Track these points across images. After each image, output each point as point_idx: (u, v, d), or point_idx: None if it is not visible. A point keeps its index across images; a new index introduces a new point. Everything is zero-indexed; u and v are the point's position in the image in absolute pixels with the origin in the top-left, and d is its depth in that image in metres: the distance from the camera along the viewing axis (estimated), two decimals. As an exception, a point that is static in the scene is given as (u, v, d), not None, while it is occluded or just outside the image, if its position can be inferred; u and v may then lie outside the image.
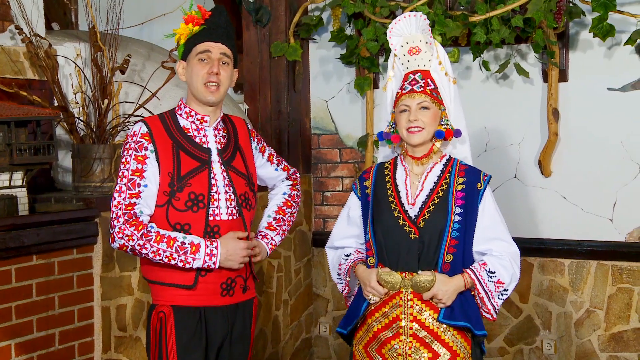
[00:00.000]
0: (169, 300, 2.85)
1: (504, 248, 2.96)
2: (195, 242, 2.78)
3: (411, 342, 2.88)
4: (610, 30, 4.37)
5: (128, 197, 2.77)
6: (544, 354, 4.88)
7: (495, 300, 2.94)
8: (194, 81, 2.87)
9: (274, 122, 5.28)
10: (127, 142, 2.85)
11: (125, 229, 2.75)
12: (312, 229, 5.47)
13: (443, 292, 2.86)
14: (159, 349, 2.84)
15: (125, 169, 2.81)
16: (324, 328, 5.44)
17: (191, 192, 2.82)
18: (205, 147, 2.89)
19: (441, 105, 2.97)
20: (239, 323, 2.95)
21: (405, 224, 2.92)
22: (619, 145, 4.69)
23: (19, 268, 3.47)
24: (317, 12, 5.27)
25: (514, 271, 2.95)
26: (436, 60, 2.99)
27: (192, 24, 2.87)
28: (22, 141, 3.68)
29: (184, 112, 2.91)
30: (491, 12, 4.54)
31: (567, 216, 4.81)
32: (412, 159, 3.00)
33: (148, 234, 2.75)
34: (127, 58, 4.22)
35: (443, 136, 2.95)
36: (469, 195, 2.93)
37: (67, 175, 4.26)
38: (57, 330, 3.64)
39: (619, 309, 4.70)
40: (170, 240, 2.76)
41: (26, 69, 4.12)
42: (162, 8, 4.82)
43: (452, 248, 2.90)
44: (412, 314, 2.90)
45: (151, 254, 2.76)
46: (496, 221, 2.96)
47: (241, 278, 2.92)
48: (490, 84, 4.97)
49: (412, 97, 2.94)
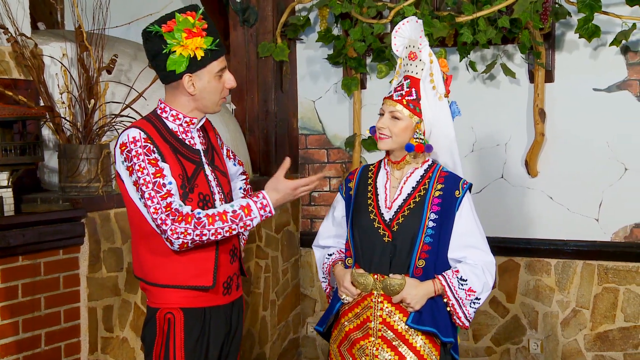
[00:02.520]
0: (178, 303, 2.82)
1: (478, 257, 2.93)
2: (243, 205, 2.77)
3: (379, 344, 2.91)
4: (596, 31, 4.39)
5: (161, 200, 2.71)
6: (531, 354, 4.90)
7: (466, 308, 2.91)
8: (212, 96, 2.84)
9: (261, 123, 5.27)
10: (129, 149, 2.75)
11: (176, 228, 2.70)
12: (299, 229, 5.47)
13: (412, 296, 2.87)
14: (165, 351, 2.82)
15: (145, 175, 2.73)
16: (312, 328, 5.44)
17: (200, 192, 2.81)
18: (195, 149, 2.88)
19: (417, 117, 2.93)
20: (234, 321, 2.96)
21: (379, 227, 2.94)
22: (604, 145, 4.71)
23: (5, 269, 3.45)
24: (305, 12, 5.27)
25: (486, 280, 2.91)
26: (428, 71, 2.95)
27: (200, 37, 2.78)
28: (7, 141, 3.66)
29: (171, 115, 2.86)
30: (478, 12, 4.55)
31: (554, 216, 4.83)
32: (391, 162, 3.01)
33: (199, 221, 2.71)
34: (113, 58, 4.21)
35: (412, 150, 2.93)
36: (445, 202, 2.92)
37: (53, 176, 4.24)
38: (44, 331, 3.63)
39: (604, 309, 4.73)
40: (221, 215, 2.73)
41: (12, 69, 4.10)
42: (149, 8, 4.80)
43: (424, 253, 2.90)
44: (382, 316, 2.92)
45: (212, 236, 2.73)
46: (472, 229, 2.94)
47: (236, 275, 2.95)
48: (477, 84, 4.99)
49: (388, 103, 2.95)
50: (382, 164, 3.06)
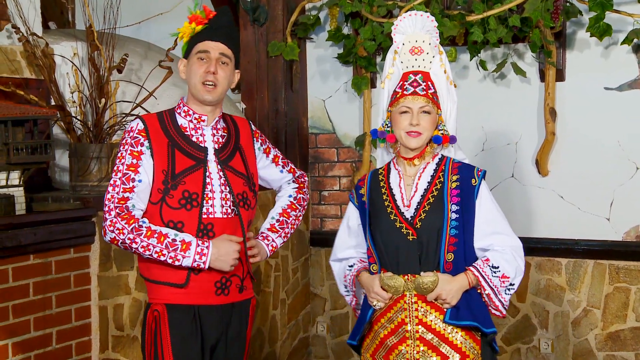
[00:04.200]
0: (163, 299, 2.85)
1: (505, 242, 2.88)
2: (186, 240, 2.77)
3: (418, 346, 2.84)
4: (607, 30, 4.38)
5: (121, 191, 2.78)
6: (541, 353, 4.89)
7: (502, 295, 2.87)
8: (192, 79, 2.88)
9: (271, 122, 5.27)
10: (123, 137, 2.88)
11: (116, 222, 2.75)
12: (309, 228, 5.47)
13: (447, 292, 2.81)
14: (154, 347, 2.84)
15: (120, 164, 2.83)
16: (322, 327, 5.44)
17: (185, 190, 2.82)
18: (201, 146, 2.89)
19: (439, 110, 2.93)
20: (235, 323, 2.93)
21: (402, 226, 2.89)
22: (616, 144, 4.69)
23: (16, 267, 3.47)
24: (315, 11, 5.27)
25: (518, 264, 2.86)
26: (438, 62, 2.94)
27: (195, 23, 2.87)
28: (19, 140, 3.67)
29: (182, 111, 2.92)
30: (488, 11, 4.54)
31: (564, 215, 4.82)
32: (404, 160, 2.96)
33: (139, 229, 2.75)
34: (124, 57, 4.22)
35: (440, 142, 2.92)
36: (464, 192, 2.88)
37: (64, 175, 4.26)
38: (55, 329, 3.64)
39: (616, 308, 4.71)
40: (161, 236, 2.76)
41: (23, 68, 4.12)
42: (159, 7, 4.82)
43: (452, 246, 2.85)
44: (418, 317, 2.85)
45: (141, 248, 2.76)
46: (494, 215, 2.90)
47: (237, 277, 2.91)
48: (488, 83, 4.97)
49: (414, 99, 2.90)
50: (391, 165, 3.02)
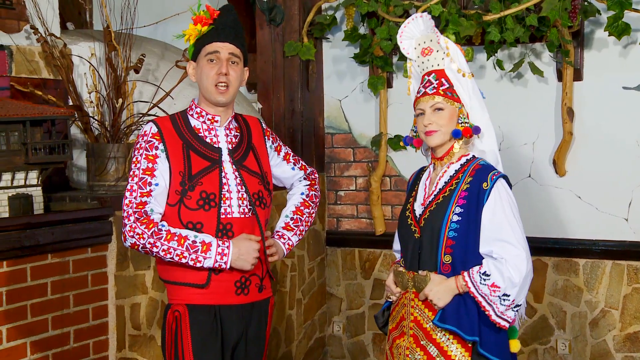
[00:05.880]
0: (184, 299, 2.86)
1: (505, 250, 2.79)
2: (206, 241, 2.78)
3: (410, 342, 2.89)
4: (626, 29, 4.35)
5: (139, 196, 2.79)
6: (559, 354, 4.86)
7: (496, 305, 2.79)
8: (204, 82, 2.88)
9: (287, 122, 5.28)
10: (137, 142, 2.87)
11: (136, 227, 2.76)
12: (325, 228, 5.47)
13: (434, 293, 2.82)
14: (174, 347, 2.85)
15: (136, 168, 2.83)
16: (338, 327, 5.44)
17: (202, 190, 2.82)
18: (215, 147, 2.90)
19: (458, 103, 2.90)
20: (254, 322, 2.94)
21: (412, 224, 2.93)
22: (634, 144, 4.66)
23: (34, 267, 3.49)
24: (331, 11, 5.27)
25: (510, 275, 2.77)
26: (448, 57, 2.94)
27: (201, 25, 2.87)
28: (37, 140, 3.70)
29: (195, 113, 2.92)
30: (505, 11, 4.52)
31: (582, 216, 4.79)
32: (434, 159, 2.99)
33: (159, 232, 2.76)
34: (141, 57, 4.23)
35: (460, 135, 2.89)
36: (472, 195, 2.84)
37: (81, 174, 4.28)
38: (72, 328, 3.66)
39: (634, 309, 4.68)
40: (181, 238, 2.76)
41: (41, 69, 4.15)
42: (176, 7, 4.83)
43: (449, 248, 2.83)
44: (414, 314, 2.89)
45: (162, 252, 2.77)
46: (501, 222, 2.81)
47: (257, 277, 2.91)
48: (505, 83, 4.95)
49: (425, 100, 2.91)
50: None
